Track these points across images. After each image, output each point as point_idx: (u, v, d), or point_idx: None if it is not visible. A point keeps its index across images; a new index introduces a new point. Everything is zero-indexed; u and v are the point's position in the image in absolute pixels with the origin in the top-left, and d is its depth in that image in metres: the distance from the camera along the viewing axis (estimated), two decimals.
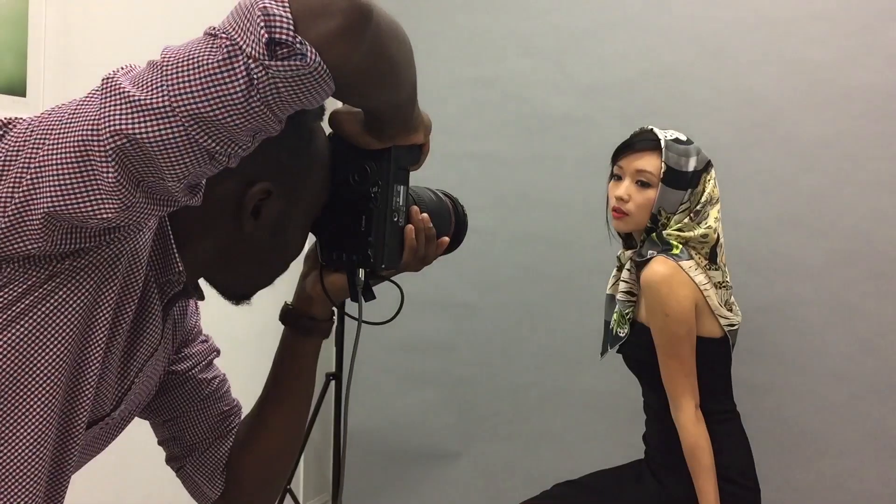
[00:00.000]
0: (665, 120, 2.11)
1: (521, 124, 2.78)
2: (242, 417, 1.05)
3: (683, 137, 1.91)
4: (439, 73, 2.83)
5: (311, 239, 0.96)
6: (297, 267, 0.99)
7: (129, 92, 0.64)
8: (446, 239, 1.00)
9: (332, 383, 2.79)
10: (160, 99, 0.63)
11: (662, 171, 1.86)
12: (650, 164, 1.87)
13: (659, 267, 1.82)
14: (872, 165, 2.38)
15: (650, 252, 1.86)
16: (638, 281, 1.90)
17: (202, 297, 0.92)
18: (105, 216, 0.66)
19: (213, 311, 1.11)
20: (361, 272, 0.94)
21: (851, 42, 2.40)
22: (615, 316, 1.96)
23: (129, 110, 0.64)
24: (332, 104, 0.90)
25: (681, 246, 1.86)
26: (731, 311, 1.92)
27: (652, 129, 1.93)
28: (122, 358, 0.81)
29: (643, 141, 1.90)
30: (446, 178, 2.45)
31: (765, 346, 2.45)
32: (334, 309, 1.00)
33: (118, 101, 0.64)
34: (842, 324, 2.41)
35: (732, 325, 1.91)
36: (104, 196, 0.65)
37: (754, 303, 2.37)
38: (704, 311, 1.85)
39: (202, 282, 0.92)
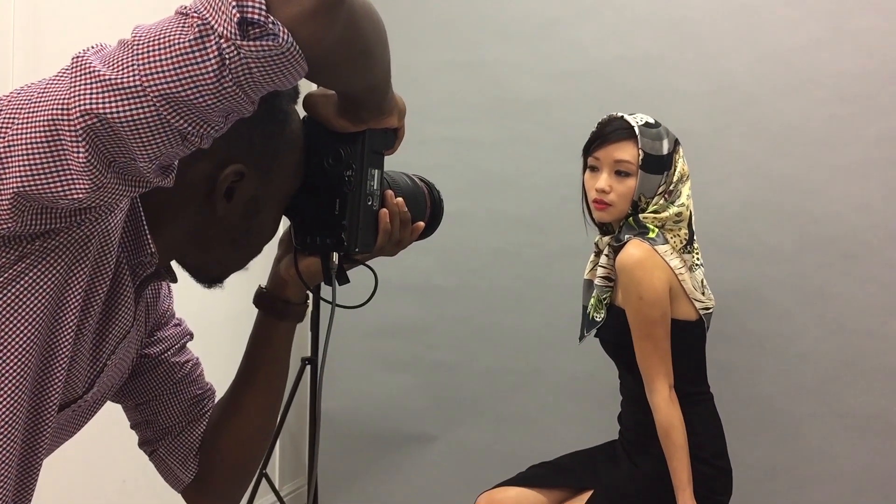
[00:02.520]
0: (638, 105, 2.12)
1: (496, 109, 2.78)
2: (216, 401, 1.05)
3: (652, 120, 1.92)
4: (414, 58, 2.81)
5: (285, 222, 0.96)
6: (271, 250, 0.99)
7: (99, 71, 0.63)
8: (421, 224, 1.00)
9: (308, 368, 2.79)
10: (131, 78, 0.63)
11: (640, 158, 1.86)
12: (627, 152, 1.88)
13: (633, 250, 1.83)
14: (843, 150, 2.41)
15: (626, 236, 1.87)
16: (615, 265, 1.91)
17: (175, 280, 0.92)
18: (76, 196, 0.65)
19: (187, 295, 1.10)
20: (335, 256, 0.94)
21: (822, 27, 2.42)
22: (592, 301, 1.98)
23: (100, 90, 0.63)
24: (307, 87, 0.90)
25: (657, 230, 1.87)
26: (703, 294, 1.94)
27: (622, 116, 1.93)
28: (93, 340, 0.81)
29: (617, 130, 1.90)
30: (421, 162, 2.43)
31: (736, 328, 2.48)
32: (309, 293, 1.00)
33: (88, 81, 0.63)
34: (812, 306, 2.44)
35: (707, 309, 1.93)
36: (75, 176, 0.64)
37: (726, 286, 2.39)
38: (679, 294, 1.87)
39: (175, 264, 0.91)
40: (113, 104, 0.63)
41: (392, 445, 2.94)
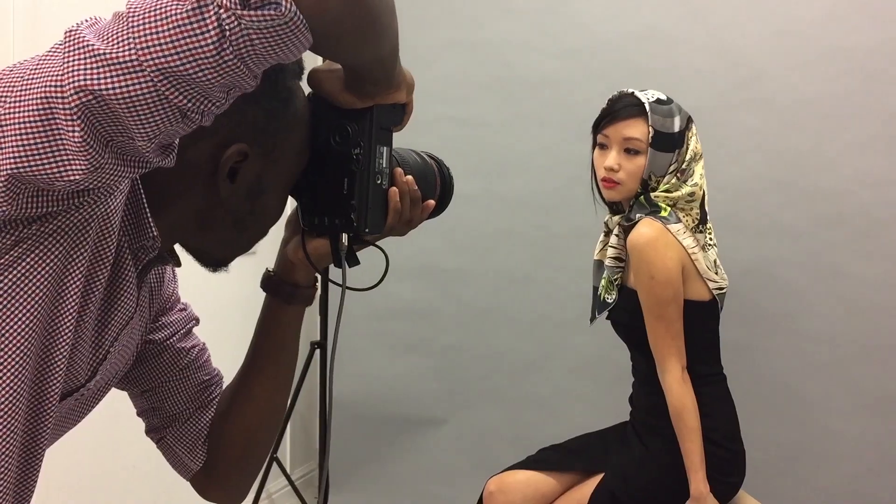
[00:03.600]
0: (647, 82, 2.08)
1: (502, 88, 2.74)
2: (224, 387, 1.03)
3: (664, 97, 1.89)
4: (418, 37, 2.77)
5: (292, 203, 0.93)
6: (277, 231, 0.96)
7: (93, 45, 0.61)
8: (432, 202, 0.97)
9: (318, 352, 2.78)
10: (126, 52, 0.60)
11: (651, 136, 1.83)
12: (637, 130, 1.84)
13: (645, 229, 1.80)
14: (857, 125, 2.37)
15: (637, 215, 1.84)
16: (626, 245, 1.89)
17: (178, 264, 0.89)
18: (72, 178, 0.63)
19: (192, 278, 1.08)
20: (345, 237, 0.91)
21: (836, 1, 2.37)
22: (603, 282, 1.95)
23: (94, 65, 0.60)
24: (311, 62, 0.87)
25: (669, 208, 1.84)
26: (717, 274, 1.91)
27: (632, 92, 1.89)
28: (95, 327, 0.78)
29: (627, 107, 1.86)
30: (427, 142, 2.38)
31: (750, 307, 2.45)
32: (317, 275, 0.98)
33: (82, 56, 0.61)
34: (826, 285, 2.41)
35: (721, 289, 1.90)
36: (70, 157, 0.62)
37: (739, 265, 2.36)
38: (692, 274, 1.84)
39: (178, 248, 0.88)
40: (108, 80, 0.60)
41: (402, 429, 2.93)
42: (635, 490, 1.87)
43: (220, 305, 2.27)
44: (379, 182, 0.90)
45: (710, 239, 1.92)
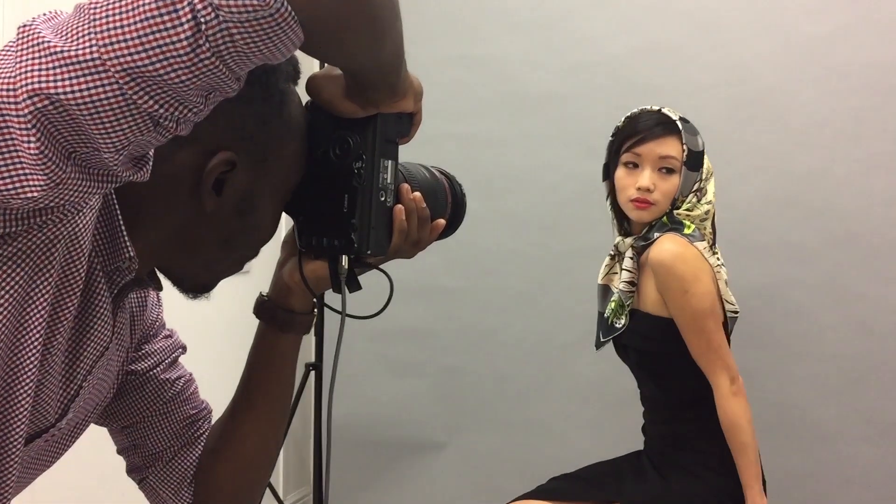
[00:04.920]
0: (654, 98, 2.02)
1: (505, 104, 2.68)
2: (212, 422, 0.95)
3: (680, 115, 1.84)
4: (420, 52, 2.69)
5: (288, 221, 0.86)
6: (273, 251, 0.88)
7: (50, 42, 0.53)
8: (442, 221, 0.90)
9: (312, 374, 2.69)
10: (88, 50, 0.53)
11: (685, 154, 1.77)
12: (673, 148, 1.78)
13: (669, 245, 1.74)
14: (868, 143, 2.31)
15: (656, 234, 1.78)
16: (641, 266, 1.82)
17: (160, 287, 0.81)
18: (30, 195, 0.55)
19: (177, 302, 1.00)
20: (345, 259, 0.83)
21: (847, 16, 2.33)
22: (612, 305, 1.87)
23: (51, 65, 0.53)
24: (310, 69, 0.80)
25: (692, 226, 1.78)
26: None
27: (659, 109, 1.83)
28: (65, 360, 0.70)
29: (660, 125, 1.80)
30: (427, 160, 2.34)
31: (760, 330, 2.38)
32: (315, 300, 0.90)
33: (37, 54, 0.53)
34: (838, 307, 2.35)
35: (735, 312, 1.84)
36: (27, 171, 0.54)
37: (749, 286, 2.29)
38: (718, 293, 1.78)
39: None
40: (67, 82, 0.53)
41: (400, 452, 2.84)
42: None
43: (209, 332, 2.18)
44: (383, 199, 0.82)
45: (720, 259, 1.86)
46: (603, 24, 2.56)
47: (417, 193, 0.86)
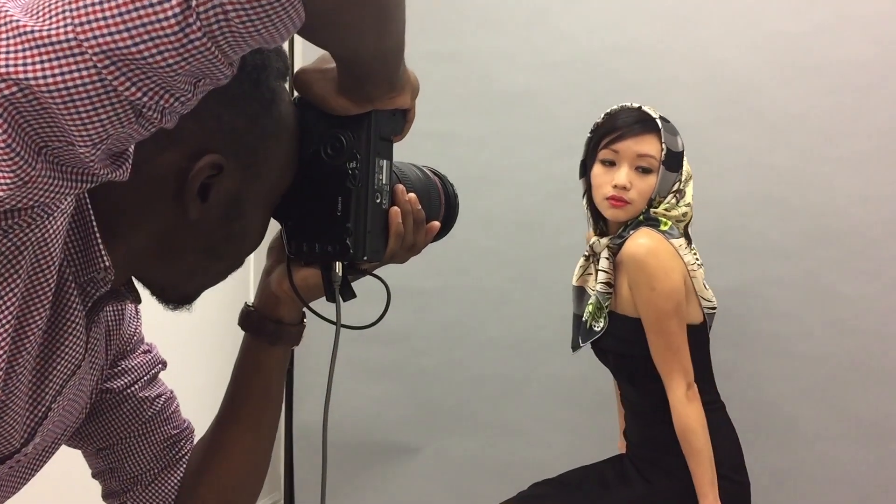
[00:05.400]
0: (633, 96, 1.99)
1: (481, 102, 2.63)
2: (195, 442, 0.89)
3: (661, 114, 1.80)
4: None
5: (274, 226, 0.80)
6: (258, 259, 0.82)
7: (18, 21, 0.47)
8: (436, 224, 0.85)
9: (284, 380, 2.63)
10: (62, 30, 0.47)
11: (664, 154, 1.73)
12: (651, 147, 1.74)
13: (644, 239, 1.70)
14: (846, 141, 2.31)
15: (631, 231, 1.74)
16: (617, 263, 1.78)
17: (138, 300, 0.75)
18: None
19: (156, 314, 0.93)
20: (338, 266, 0.78)
21: (825, 12, 2.32)
22: (590, 308, 1.84)
23: (19, 46, 0.47)
24: (297, 63, 0.74)
25: (669, 223, 1.75)
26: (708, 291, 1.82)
27: (639, 106, 1.80)
28: (33, 379, 0.64)
29: (639, 122, 1.76)
30: (402, 159, 2.29)
31: (739, 329, 2.37)
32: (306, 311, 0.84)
33: (3, 35, 0.47)
34: (817, 305, 2.34)
35: (713, 308, 1.81)
36: None
37: (727, 285, 2.27)
38: (690, 294, 1.75)
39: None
40: (38, 66, 0.47)
41: (373, 457, 2.78)
42: None
43: (190, 346, 2.09)
44: (378, 201, 0.77)
45: (697, 257, 1.84)
46: (581, 22, 2.52)
47: (413, 195, 0.81)
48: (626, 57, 2.47)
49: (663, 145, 1.74)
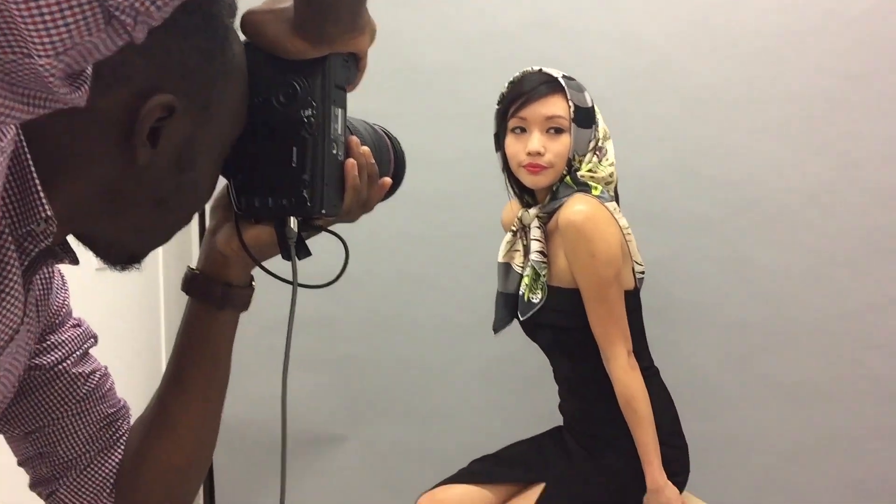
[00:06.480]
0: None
1: (394, 79, 2.57)
2: (132, 421, 0.81)
3: (564, 73, 1.81)
4: None
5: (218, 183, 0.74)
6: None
7: None
8: (388, 180, 0.81)
9: None
10: None
11: (572, 111, 1.72)
12: (558, 107, 1.73)
13: (580, 206, 1.68)
14: (761, 111, 2.35)
15: (563, 197, 1.73)
16: (550, 232, 1.76)
17: (76, 260, 0.67)
18: None
19: (82, 282, 0.85)
20: (293, 221, 0.72)
21: None
22: (526, 280, 1.81)
23: None
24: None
25: (600, 187, 1.74)
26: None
27: (539, 69, 1.79)
28: None
29: (542, 85, 1.75)
30: None
31: (660, 300, 2.38)
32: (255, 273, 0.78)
33: None
34: (736, 274, 2.39)
35: (643, 273, 1.82)
36: None
37: (647, 257, 2.28)
38: (626, 258, 1.75)
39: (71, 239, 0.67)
40: None
41: (299, 449, 2.69)
42: (582, 499, 1.74)
43: (121, 317, 1.95)
44: (335, 152, 0.72)
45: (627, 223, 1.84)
46: None
47: (366, 148, 0.76)
48: (542, 32, 2.46)
49: (570, 103, 1.73)
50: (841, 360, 2.34)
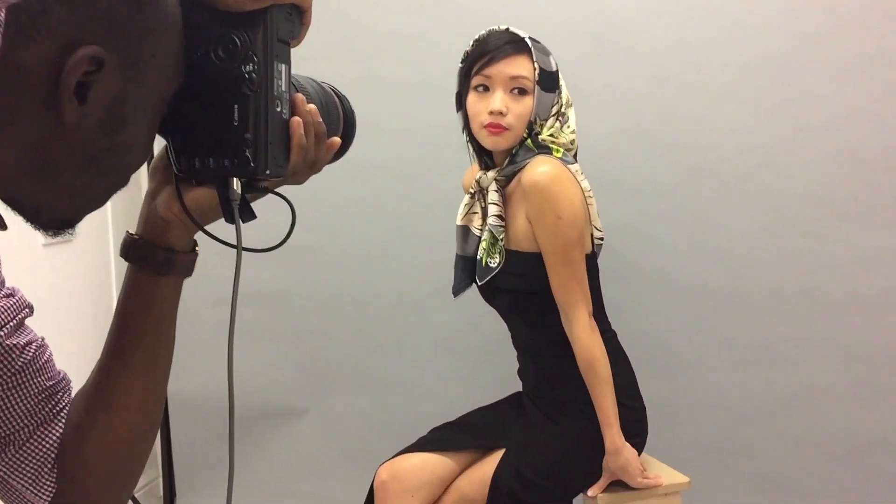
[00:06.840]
0: None
1: (347, 45, 2.53)
2: (73, 394, 0.78)
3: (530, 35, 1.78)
4: None
5: (158, 142, 0.70)
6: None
7: None
8: (337, 139, 0.79)
9: None
10: None
11: (537, 73, 1.70)
12: (523, 67, 1.70)
13: (545, 167, 1.67)
14: (716, 74, 2.35)
15: (525, 160, 1.71)
16: (511, 193, 1.75)
17: (4, 226, 0.64)
18: None
19: (16, 251, 0.81)
20: (237, 183, 0.69)
21: None
22: (484, 244, 1.79)
23: None
24: None
25: (562, 150, 1.72)
26: None
27: (507, 28, 1.76)
28: None
29: (509, 43, 1.72)
30: None
31: (619, 264, 2.39)
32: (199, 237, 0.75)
33: None
34: (693, 237, 2.40)
35: (602, 239, 1.82)
36: None
37: (606, 221, 2.29)
38: (586, 221, 1.74)
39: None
40: None
41: (258, 423, 2.67)
42: (542, 464, 1.74)
43: (58, 287, 1.89)
44: (279, 109, 0.69)
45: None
46: None
47: (313, 106, 0.73)
48: None
49: (536, 65, 1.71)
50: (796, 320, 2.37)
